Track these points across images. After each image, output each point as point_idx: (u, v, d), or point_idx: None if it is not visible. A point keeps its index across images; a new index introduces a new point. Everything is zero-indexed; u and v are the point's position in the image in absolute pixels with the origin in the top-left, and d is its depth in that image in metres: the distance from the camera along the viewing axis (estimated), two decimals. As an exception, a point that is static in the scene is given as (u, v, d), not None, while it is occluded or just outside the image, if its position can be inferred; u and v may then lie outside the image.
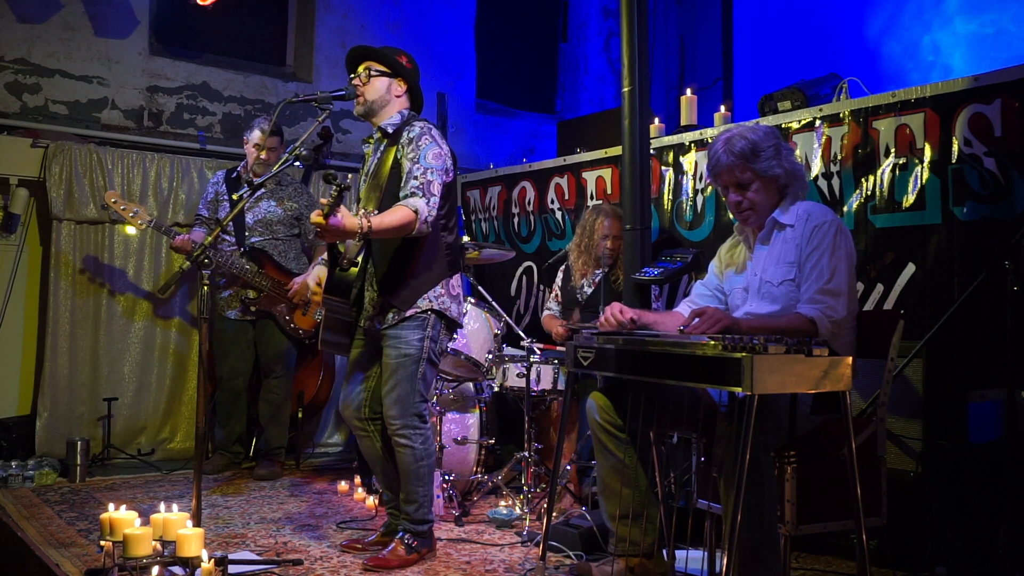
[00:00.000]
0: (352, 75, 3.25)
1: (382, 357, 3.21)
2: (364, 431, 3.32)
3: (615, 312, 2.73)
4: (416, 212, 2.98)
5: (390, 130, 3.24)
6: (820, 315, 2.52)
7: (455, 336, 3.92)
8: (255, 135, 4.71)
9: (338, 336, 3.35)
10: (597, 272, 4.18)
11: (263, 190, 4.69)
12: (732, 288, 2.88)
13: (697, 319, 2.47)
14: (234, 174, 4.83)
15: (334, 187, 2.76)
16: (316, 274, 3.37)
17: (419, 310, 3.16)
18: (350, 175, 2.87)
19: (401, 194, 3.07)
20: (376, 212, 3.01)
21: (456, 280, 3.29)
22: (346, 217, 2.83)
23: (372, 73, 3.21)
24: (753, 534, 2.33)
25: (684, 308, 2.97)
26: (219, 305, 4.78)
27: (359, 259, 3.22)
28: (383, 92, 3.23)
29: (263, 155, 4.67)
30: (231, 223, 4.67)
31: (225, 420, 4.83)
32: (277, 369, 4.78)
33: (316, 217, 2.77)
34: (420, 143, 3.12)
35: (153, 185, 5.20)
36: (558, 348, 4.22)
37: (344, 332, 3.34)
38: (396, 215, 2.97)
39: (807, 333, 2.49)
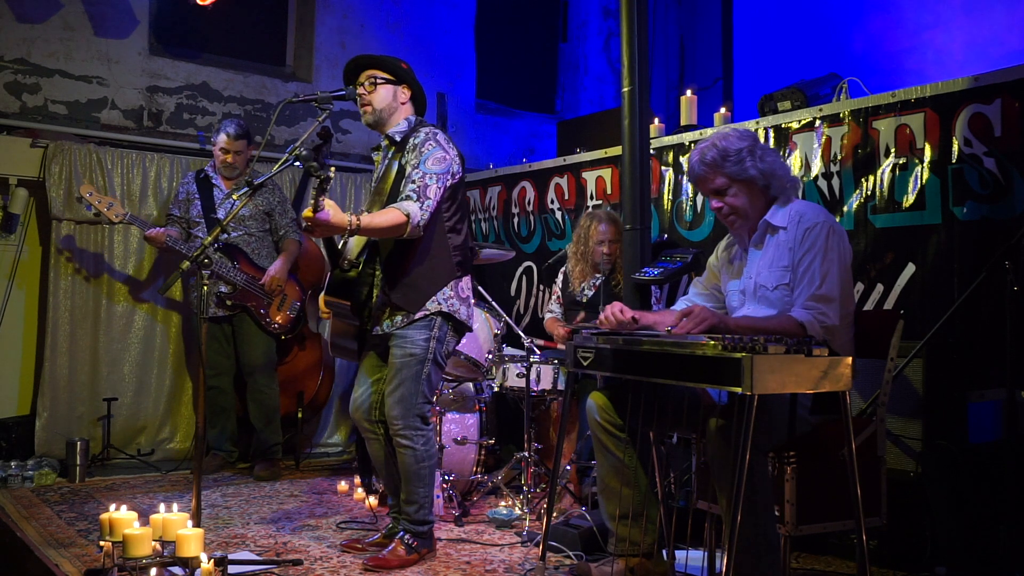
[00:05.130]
0: (352, 85, 3.25)
1: (389, 357, 3.21)
2: (373, 434, 3.32)
3: (615, 311, 2.73)
4: (408, 216, 2.99)
5: (398, 138, 3.25)
6: (812, 320, 2.51)
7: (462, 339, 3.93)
8: (221, 138, 4.75)
9: (347, 341, 3.34)
10: (597, 276, 4.18)
11: (245, 188, 4.69)
12: (729, 290, 2.88)
13: (685, 319, 2.49)
14: (202, 175, 4.85)
15: (317, 178, 2.75)
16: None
17: (427, 312, 3.16)
18: (333, 168, 2.85)
19: (399, 197, 3.09)
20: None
21: (466, 283, 3.28)
22: (336, 214, 2.85)
23: (378, 81, 3.22)
24: (748, 533, 2.33)
25: (683, 307, 2.97)
26: (194, 303, 4.80)
27: (361, 260, 3.21)
28: (390, 100, 3.24)
29: (229, 159, 4.75)
30: (203, 219, 4.73)
31: (215, 419, 4.83)
32: (259, 366, 4.79)
33: (306, 212, 2.80)
34: (423, 148, 3.13)
35: (153, 185, 5.20)
36: (559, 347, 4.22)
37: (352, 337, 3.33)
38: (387, 216, 2.98)
39: (796, 336, 2.48)
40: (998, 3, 5.27)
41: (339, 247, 3.27)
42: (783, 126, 3.89)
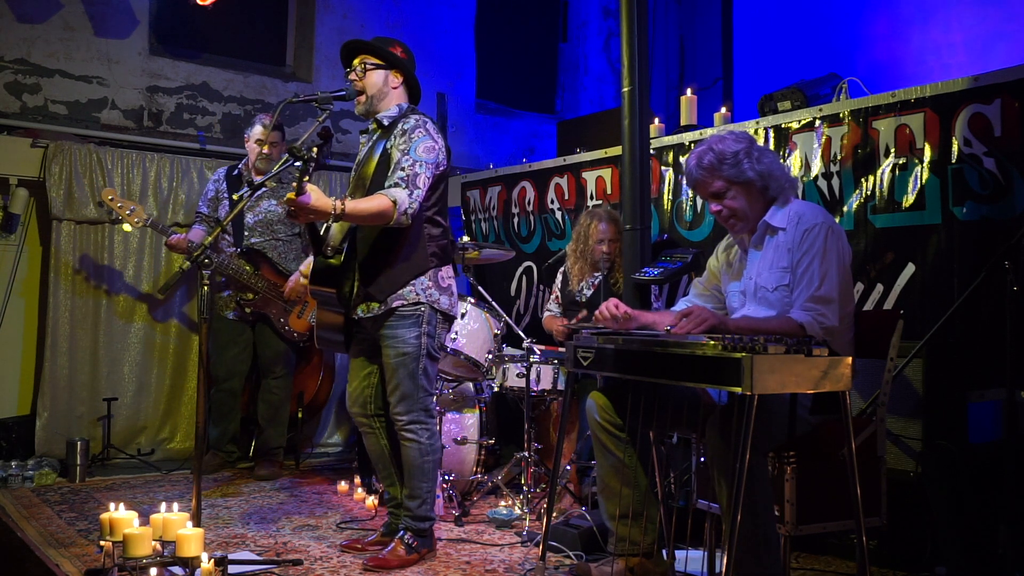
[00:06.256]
0: (348, 70, 3.24)
1: (381, 356, 3.21)
2: (370, 428, 3.33)
3: (610, 307, 2.74)
4: (395, 202, 2.95)
5: (386, 122, 3.22)
6: (811, 321, 2.52)
7: (455, 335, 3.93)
8: (256, 130, 4.70)
9: (333, 333, 3.33)
10: (596, 275, 4.17)
11: (264, 189, 4.69)
12: (729, 291, 2.88)
13: (684, 319, 2.50)
14: (235, 172, 4.81)
15: (300, 160, 2.72)
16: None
17: (406, 303, 3.14)
18: (315, 148, 2.82)
19: (386, 184, 3.05)
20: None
21: (446, 272, 3.25)
22: (318, 197, 2.81)
23: (367, 67, 3.20)
24: (748, 533, 2.33)
25: (683, 307, 2.97)
26: (218, 305, 4.78)
27: (344, 247, 3.18)
28: (380, 85, 3.21)
29: (265, 150, 4.67)
30: (230, 223, 4.67)
31: (220, 420, 4.82)
32: (277, 369, 4.78)
33: (288, 196, 2.78)
34: (413, 135, 3.10)
35: (153, 185, 5.20)
36: (560, 350, 4.22)
37: (338, 329, 3.31)
38: (373, 202, 2.95)
39: (796, 337, 2.49)
40: (998, 2, 5.27)
41: (321, 233, 3.24)
42: (783, 126, 3.89)
